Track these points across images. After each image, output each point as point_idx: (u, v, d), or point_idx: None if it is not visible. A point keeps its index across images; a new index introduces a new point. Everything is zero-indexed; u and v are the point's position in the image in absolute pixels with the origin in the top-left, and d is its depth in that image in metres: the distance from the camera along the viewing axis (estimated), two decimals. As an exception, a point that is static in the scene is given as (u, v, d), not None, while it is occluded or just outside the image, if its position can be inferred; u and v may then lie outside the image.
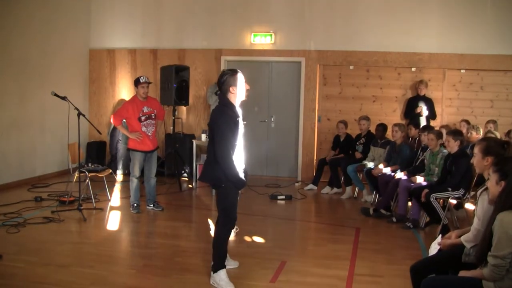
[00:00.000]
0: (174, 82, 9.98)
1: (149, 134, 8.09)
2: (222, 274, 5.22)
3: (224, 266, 5.28)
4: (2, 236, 6.79)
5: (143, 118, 8.02)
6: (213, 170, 5.08)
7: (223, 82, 5.05)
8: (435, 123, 10.23)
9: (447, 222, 7.09)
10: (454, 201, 7.68)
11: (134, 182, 8.22)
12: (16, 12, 9.83)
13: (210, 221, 7.75)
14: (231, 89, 5.04)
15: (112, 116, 8.17)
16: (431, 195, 7.11)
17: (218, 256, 5.26)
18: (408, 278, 4.34)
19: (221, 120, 4.98)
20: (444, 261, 4.32)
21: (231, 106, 5.07)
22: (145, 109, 8.06)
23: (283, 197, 9.51)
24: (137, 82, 8.06)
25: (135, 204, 8.26)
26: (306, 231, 7.93)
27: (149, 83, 8.15)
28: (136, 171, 8.19)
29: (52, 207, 8.31)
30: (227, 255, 5.52)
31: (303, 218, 8.79)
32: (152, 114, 8.15)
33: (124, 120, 8.22)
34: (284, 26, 11.36)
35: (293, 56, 11.37)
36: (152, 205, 8.40)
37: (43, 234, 7.01)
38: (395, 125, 8.82)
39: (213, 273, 5.26)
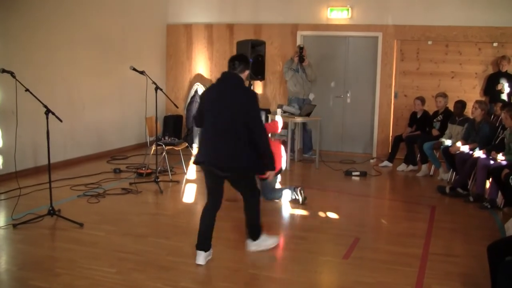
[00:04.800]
0: (250, 57, 9.98)
1: None
2: (263, 236, 5.54)
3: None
4: (84, 206, 7.07)
5: None
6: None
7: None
8: (518, 101, 9.87)
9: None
10: (535, 181, 7.42)
11: None
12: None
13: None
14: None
15: None
16: (511, 177, 6.88)
17: (258, 226, 5.54)
18: (484, 260, 4.25)
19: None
20: (523, 242, 4.20)
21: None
22: None
23: (358, 173, 9.44)
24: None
25: None
26: (380, 208, 7.87)
27: None
28: None
29: (130, 179, 8.58)
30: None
31: (378, 195, 8.73)
32: None
33: None
34: (361, 0, 11.17)
35: (370, 31, 11.14)
36: None
37: (122, 204, 7.25)
38: (476, 102, 8.53)
39: (254, 240, 5.51)
